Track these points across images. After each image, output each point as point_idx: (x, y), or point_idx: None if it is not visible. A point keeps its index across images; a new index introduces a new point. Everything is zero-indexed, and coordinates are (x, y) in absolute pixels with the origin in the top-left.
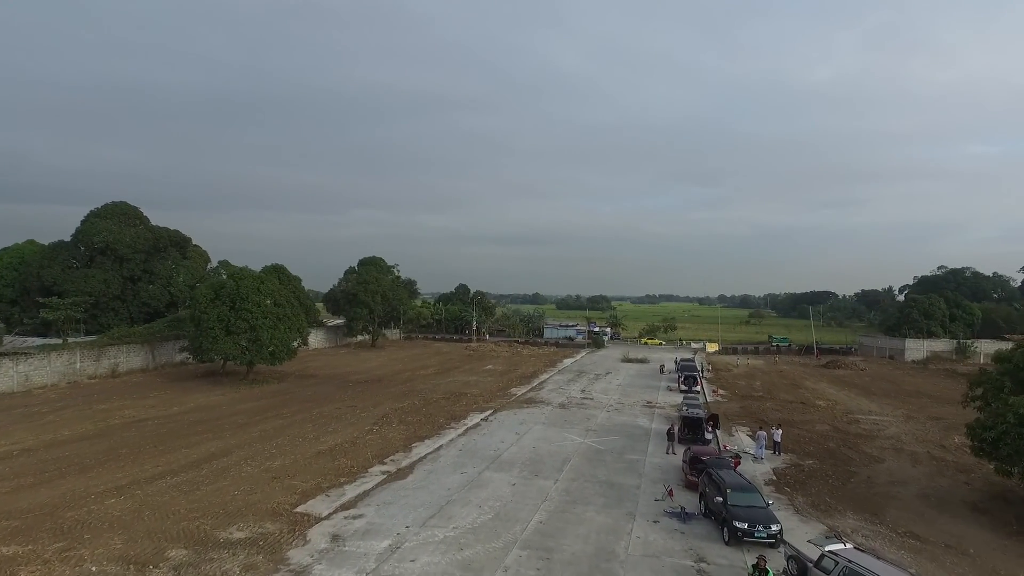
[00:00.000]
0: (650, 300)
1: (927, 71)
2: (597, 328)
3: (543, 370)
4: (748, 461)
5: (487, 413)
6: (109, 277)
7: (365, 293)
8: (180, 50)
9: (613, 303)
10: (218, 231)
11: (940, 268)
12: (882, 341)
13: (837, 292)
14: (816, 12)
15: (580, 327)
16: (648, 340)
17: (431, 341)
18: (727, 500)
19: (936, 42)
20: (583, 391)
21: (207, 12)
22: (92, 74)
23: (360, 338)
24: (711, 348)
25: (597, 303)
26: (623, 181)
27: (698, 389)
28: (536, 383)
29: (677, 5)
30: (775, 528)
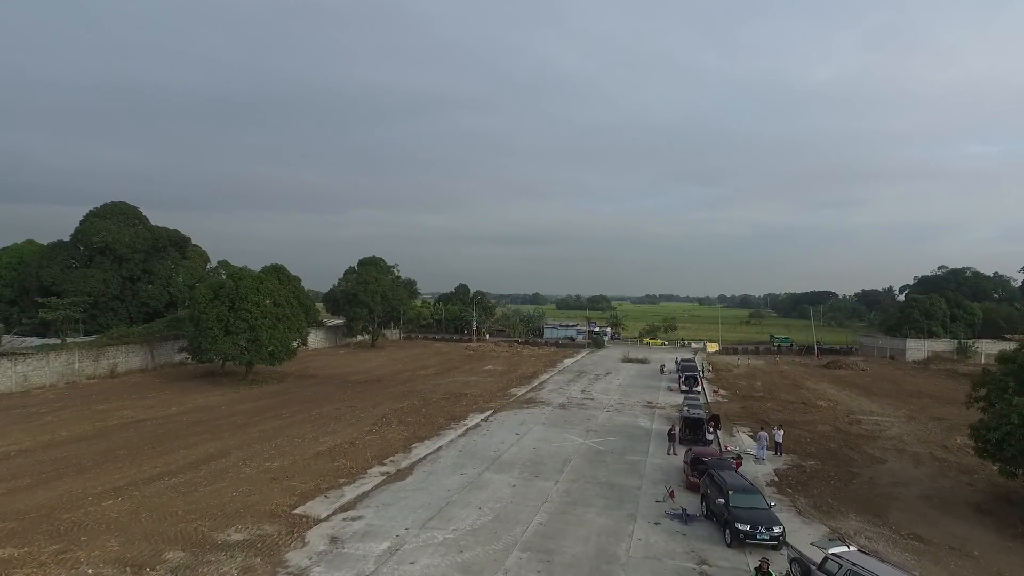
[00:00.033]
0: (650, 300)
1: (927, 71)
2: (597, 328)
3: (543, 370)
4: (749, 462)
5: (487, 414)
6: (108, 277)
7: (365, 293)
8: (180, 50)
9: (613, 303)
10: (218, 231)
11: (940, 268)
12: (883, 341)
13: (837, 292)
14: (816, 12)
15: (580, 327)
16: (651, 340)
17: (431, 341)
18: (729, 502)
19: (936, 42)
20: (583, 391)
21: (207, 12)
22: (92, 74)
23: (360, 338)
24: (711, 348)
25: (597, 303)
26: (623, 181)
27: (699, 389)
28: (536, 383)
29: (677, 5)
30: (778, 530)
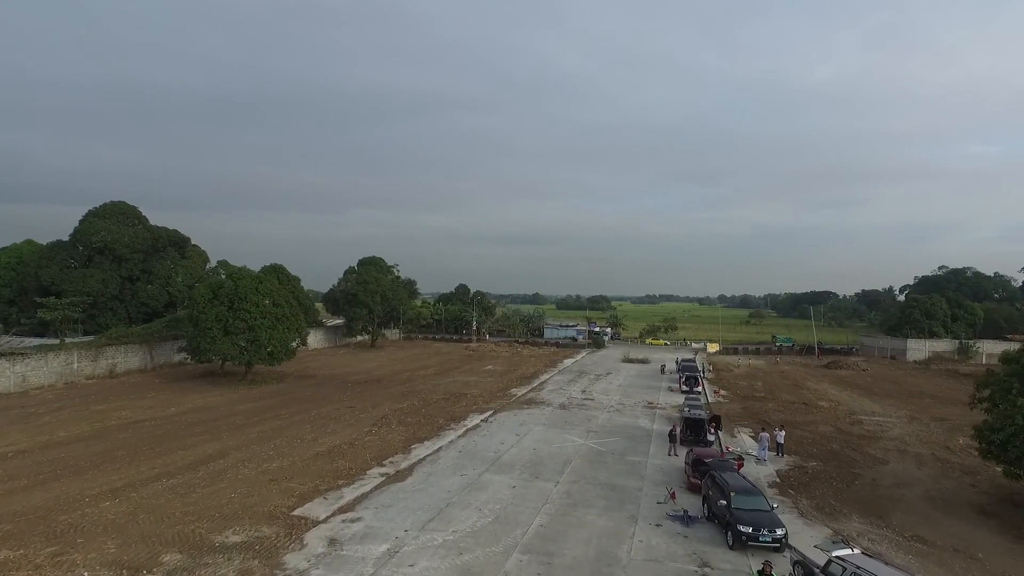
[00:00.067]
0: (650, 300)
1: (927, 71)
2: (597, 328)
3: (543, 370)
4: (751, 463)
5: (487, 414)
6: (107, 277)
7: (365, 293)
8: (180, 50)
9: (613, 303)
10: (218, 231)
11: (941, 268)
12: (883, 341)
13: (837, 292)
14: (816, 12)
15: (580, 327)
16: (653, 340)
17: (431, 341)
18: (731, 503)
19: (936, 42)
20: (584, 392)
21: (207, 12)
22: (92, 74)
23: (359, 338)
24: (712, 348)
25: (597, 303)
26: (623, 181)
27: (699, 390)
28: (536, 384)
29: (677, 5)
30: (780, 532)
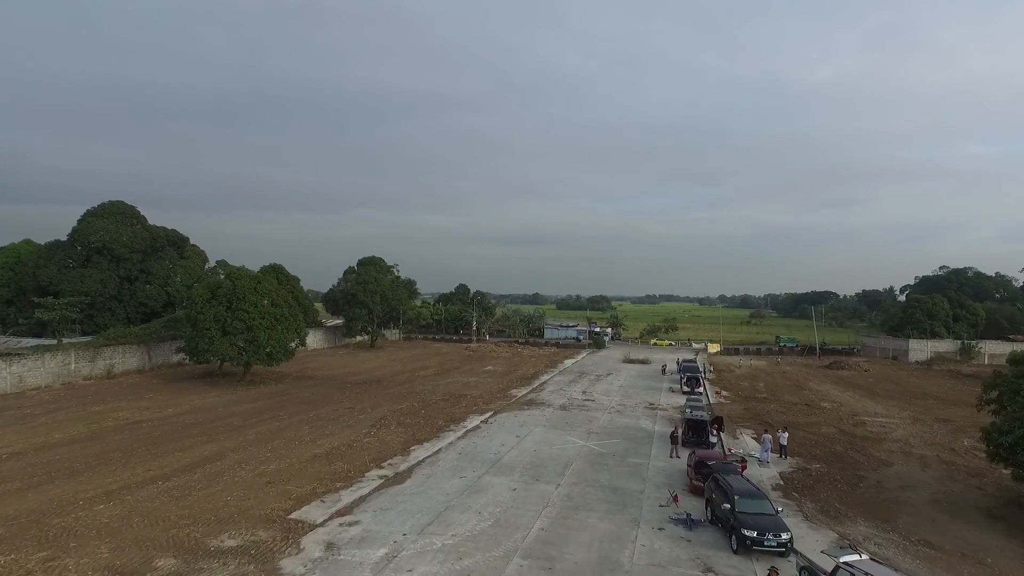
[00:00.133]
0: (650, 300)
1: (927, 71)
2: (598, 328)
3: (543, 371)
4: (754, 465)
5: (487, 415)
6: (105, 277)
7: (364, 293)
8: (180, 50)
9: (613, 303)
10: (217, 231)
11: (942, 268)
12: (885, 342)
13: (838, 292)
14: (816, 12)
15: (581, 327)
16: (657, 341)
17: (431, 341)
18: (735, 507)
19: (936, 42)
20: (584, 392)
21: (207, 12)
22: (92, 74)
23: (359, 338)
24: (712, 348)
25: (597, 303)
26: (623, 181)
27: (701, 391)
28: (537, 384)
29: (677, 5)
30: (785, 536)
